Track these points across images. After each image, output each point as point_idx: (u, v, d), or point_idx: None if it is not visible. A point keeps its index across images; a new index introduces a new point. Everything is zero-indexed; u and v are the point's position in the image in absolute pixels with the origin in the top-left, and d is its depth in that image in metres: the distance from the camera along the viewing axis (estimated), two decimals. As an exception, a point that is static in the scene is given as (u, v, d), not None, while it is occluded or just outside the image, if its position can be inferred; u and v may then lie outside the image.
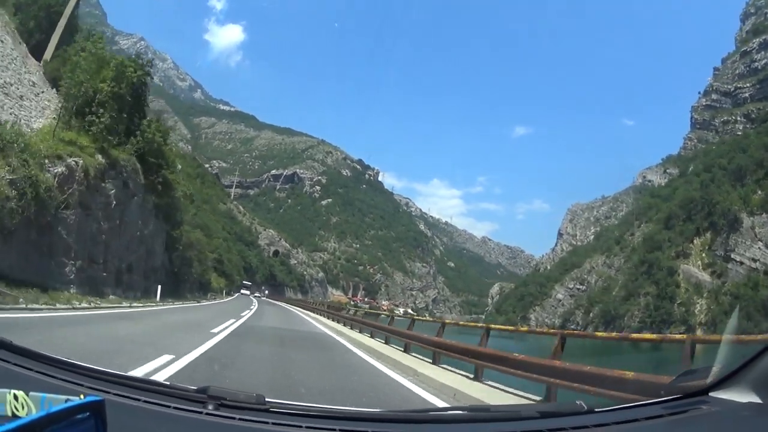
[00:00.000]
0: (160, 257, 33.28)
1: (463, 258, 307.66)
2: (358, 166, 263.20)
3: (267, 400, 1.69)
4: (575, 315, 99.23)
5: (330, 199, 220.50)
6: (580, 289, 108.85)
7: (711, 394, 1.71)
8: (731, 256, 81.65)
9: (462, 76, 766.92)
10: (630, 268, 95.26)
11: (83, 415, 0.99)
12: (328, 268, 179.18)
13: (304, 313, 37.09)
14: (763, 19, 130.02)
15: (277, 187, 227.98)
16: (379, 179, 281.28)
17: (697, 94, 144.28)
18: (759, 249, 79.30)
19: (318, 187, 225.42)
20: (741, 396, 1.62)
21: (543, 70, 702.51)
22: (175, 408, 1.55)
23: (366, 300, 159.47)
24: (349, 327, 20.89)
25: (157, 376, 5.56)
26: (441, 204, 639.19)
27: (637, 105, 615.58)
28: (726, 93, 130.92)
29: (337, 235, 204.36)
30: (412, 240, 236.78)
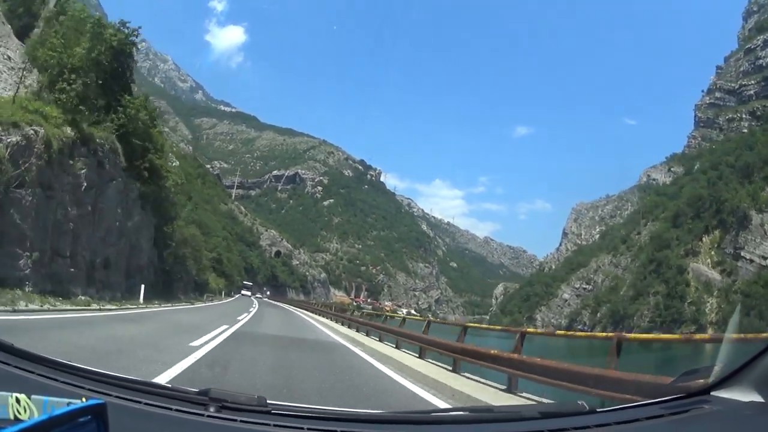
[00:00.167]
0: (147, 253, 30.25)
1: (466, 258, 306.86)
2: (360, 167, 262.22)
3: (268, 402, 1.68)
4: (582, 315, 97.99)
5: (332, 200, 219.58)
6: (586, 288, 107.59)
7: (713, 394, 1.71)
8: (741, 254, 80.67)
9: (463, 76, 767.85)
10: (638, 267, 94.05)
11: (85, 419, 1.00)
12: (330, 269, 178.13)
13: (308, 315, 34.77)
14: (767, 16, 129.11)
15: (279, 187, 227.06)
16: (381, 180, 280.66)
17: (700, 92, 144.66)
18: (769, 246, 78.24)
19: (320, 188, 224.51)
20: (743, 395, 1.61)
21: (544, 70, 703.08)
22: (177, 410, 1.54)
23: (369, 301, 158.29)
24: (364, 333, 18.01)
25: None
26: (443, 204, 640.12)
27: (639, 104, 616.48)
28: (730, 91, 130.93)
29: (339, 236, 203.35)
30: (414, 240, 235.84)
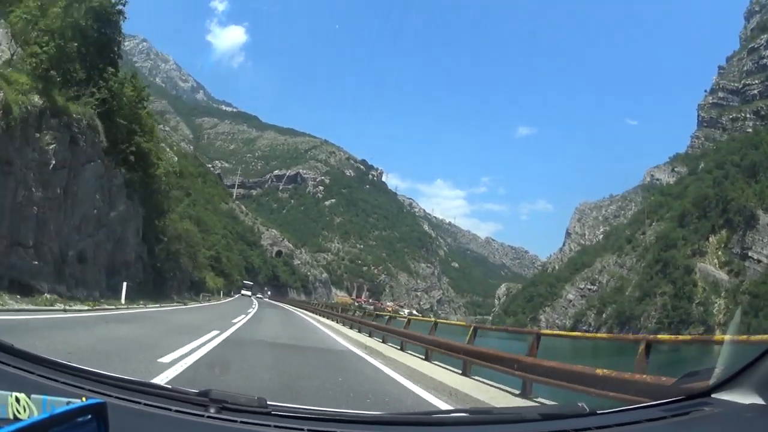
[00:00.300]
0: (134, 248, 27.43)
1: (467, 258, 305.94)
2: (362, 166, 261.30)
3: (269, 403, 1.67)
4: (587, 316, 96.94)
5: (333, 200, 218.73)
6: (591, 289, 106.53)
7: (714, 396, 1.70)
8: (748, 254, 79.65)
9: (465, 76, 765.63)
10: (644, 267, 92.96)
11: (85, 418, 1.00)
12: (331, 269, 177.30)
13: (311, 317, 32.50)
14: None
15: (280, 187, 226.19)
16: (383, 180, 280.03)
17: (701, 93, 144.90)
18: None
19: (321, 188, 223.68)
20: (744, 397, 1.60)
21: (546, 71, 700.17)
22: (177, 411, 1.53)
23: (370, 301, 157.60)
24: (380, 340, 15.17)
25: None
26: (444, 204, 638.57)
27: (641, 105, 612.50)
28: (733, 91, 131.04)
29: (340, 236, 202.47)
30: (416, 240, 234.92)
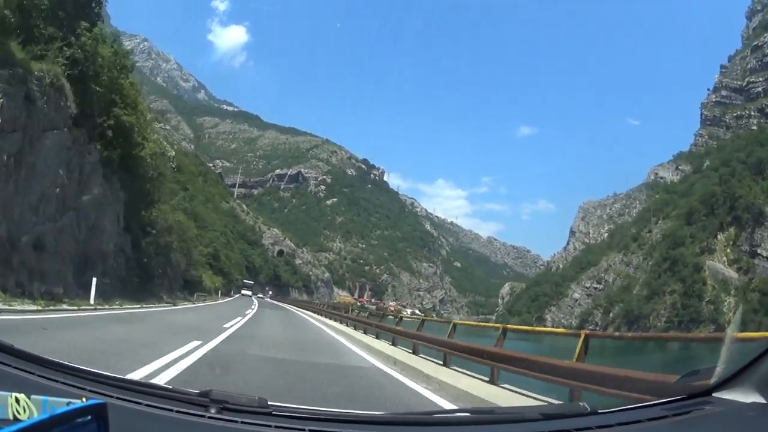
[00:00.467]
0: (112, 238, 24.00)
1: (469, 258, 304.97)
2: (363, 166, 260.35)
3: (269, 403, 1.67)
4: (593, 315, 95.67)
5: (335, 199, 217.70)
6: (597, 288, 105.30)
7: (715, 395, 1.70)
8: (757, 252, 78.18)
9: (466, 76, 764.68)
10: (652, 265, 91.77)
11: (85, 419, 0.99)
12: (333, 269, 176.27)
13: (316, 319, 29.23)
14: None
15: (282, 186, 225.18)
16: (384, 179, 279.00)
17: (701, 93, 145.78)
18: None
19: (323, 187, 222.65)
20: (745, 396, 1.60)
21: (547, 71, 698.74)
22: (178, 411, 1.53)
23: (373, 301, 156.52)
24: (411, 351, 12.05)
25: None
26: (446, 204, 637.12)
27: (642, 104, 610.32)
28: (736, 89, 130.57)
29: (342, 235, 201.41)
30: (418, 240, 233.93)
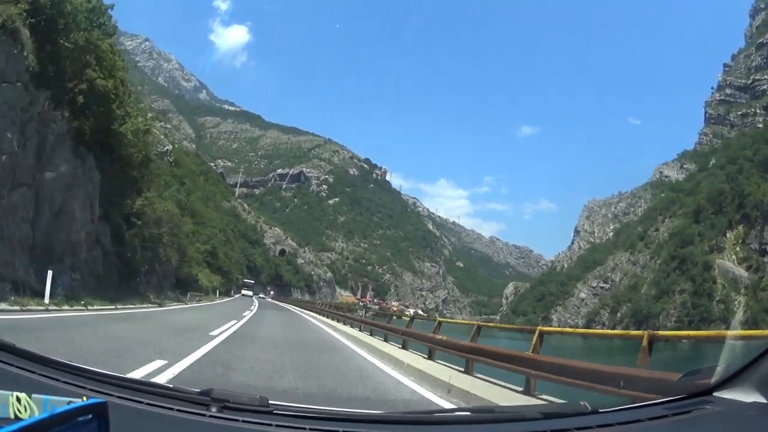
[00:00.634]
0: (84, 227, 20.87)
1: (472, 258, 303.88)
2: (365, 165, 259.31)
3: (270, 402, 1.67)
4: (600, 315, 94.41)
5: (337, 198, 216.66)
6: (603, 287, 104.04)
7: (715, 394, 1.70)
8: (767, 249, 77.16)
9: (468, 76, 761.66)
10: (660, 264, 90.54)
11: (86, 418, 0.99)
12: (336, 268, 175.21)
13: (324, 323, 25.18)
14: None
15: (284, 186, 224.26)
16: (387, 179, 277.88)
17: (705, 91, 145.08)
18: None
19: (325, 186, 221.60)
20: (746, 396, 1.60)
21: (547, 71, 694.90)
22: (178, 410, 1.53)
23: (375, 301, 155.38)
24: (466, 370, 9.04)
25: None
26: (447, 204, 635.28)
27: (643, 104, 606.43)
28: (740, 87, 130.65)
29: (344, 235, 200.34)
30: (420, 240, 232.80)
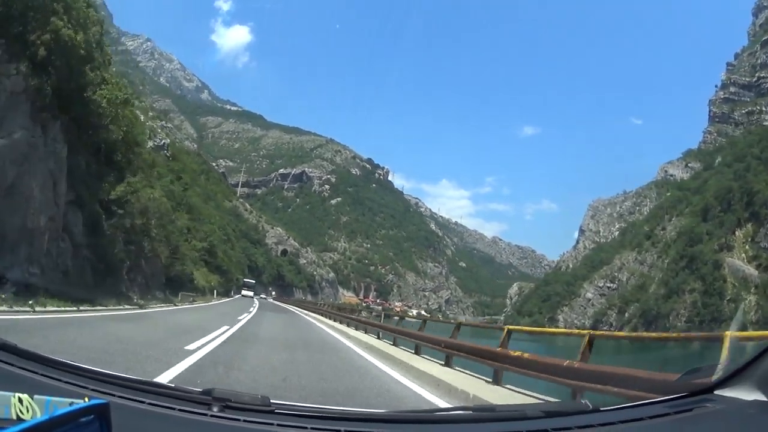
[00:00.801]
0: (47, 210, 17.94)
1: (474, 258, 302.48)
2: (368, 165, 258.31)
3: (272, 401, 1.68)
4: (608, 315, 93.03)
5: (339, 198, 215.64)
6: (610, 287, 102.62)
7: (716, 392, 1.70)
8: (777, 248, 75.88)
9: (469, 76, 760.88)
10: (669, 263, 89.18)
11: (88, 418, 0.99)
12: (338, 269, 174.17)
13: (335, 329, 20.67)
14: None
15: (285, 186, 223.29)
16: (389, 179, 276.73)
17: (709, 89, 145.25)
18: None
19: (327, 186, 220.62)
20: (747, 394, 1.60)
21: (548, 70, 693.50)
22: (180, 410, 1.53)
23: (378, 301, 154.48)
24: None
25: None
26: (449, 204, 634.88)
27: (645, 104, 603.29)
28: (744, 85, 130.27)
29: (347, 235, 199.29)
30: (423, 240, 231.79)
